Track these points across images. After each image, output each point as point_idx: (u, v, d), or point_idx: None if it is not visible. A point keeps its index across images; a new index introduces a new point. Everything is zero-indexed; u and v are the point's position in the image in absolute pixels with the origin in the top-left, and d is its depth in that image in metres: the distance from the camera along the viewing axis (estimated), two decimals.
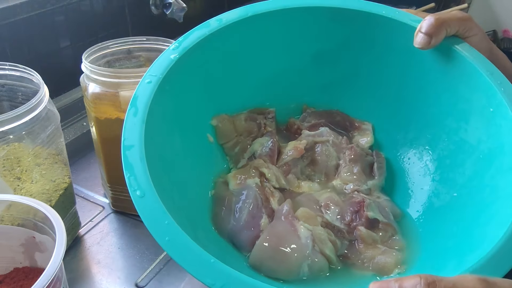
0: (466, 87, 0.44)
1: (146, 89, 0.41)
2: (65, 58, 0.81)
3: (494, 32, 2.02)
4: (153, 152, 0.38)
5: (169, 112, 0.44)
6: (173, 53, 0.44)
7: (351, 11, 0.49)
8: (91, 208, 0.64)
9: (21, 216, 0.43)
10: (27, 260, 0.45)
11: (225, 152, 0.51)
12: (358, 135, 0.53)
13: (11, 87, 0.52)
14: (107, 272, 0.54)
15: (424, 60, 0.47)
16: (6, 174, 0.47)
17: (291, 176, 0.49)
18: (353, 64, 0.52)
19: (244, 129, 0.51)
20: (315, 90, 0.54)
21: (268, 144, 0.50)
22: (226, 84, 0.50)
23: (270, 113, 0.53)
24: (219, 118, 0.50)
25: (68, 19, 0.79)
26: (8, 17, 0.69)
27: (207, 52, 0.47)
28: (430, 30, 0.44)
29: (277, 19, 0.49)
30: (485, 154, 0.42)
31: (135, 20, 0.93)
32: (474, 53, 0.45)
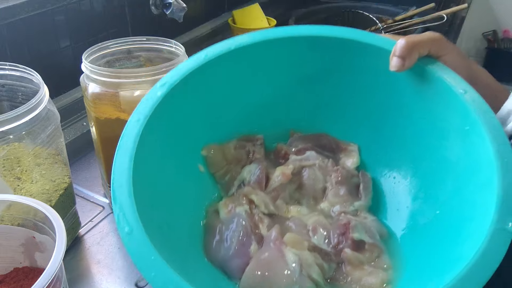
0: (443, 106, 0.46)
1: (134, 127, 0.43)
2: (65, 58, 0.81)
3: (494, 32, 2.02)
4: (142, 188, 0.40)
5: (159, 147, 0.45)
6: (160, 90, 0.46)
7: (327, 38, 0.50)
8: (91, 208, 0.64)
9: (21, 216, 0.43)
10: (27, 260, 0.45)
11: (216, 181, 0.52)
12: (344, 157, 0.54)
13: (11, 87, 0.52)
14: (107, 272, 0.54)
15: (401, 81, 0.48)
16: (6, 174, 0.47)
17: (280, 202, 0.50)
18: (335, 88, 0.53)
19: (233, 158, 0.52)
20: (301, 115, 0.55)
21: (256, 172, 0.51)
22: (214, 114, 0.51)
23: (259, 140, 0.54)
24: (209, 148, 0.51)
25: (68, 19, 0.79)
26: (8, 17, 0.69)
27: (193, 86, 0.48)
28: (402, 52, 0.45)
29: (259, 50, 0.50)
30: (463, 171, 0.43)
31: (135, 20, 0.93)
32: (447, 72, 0.46)
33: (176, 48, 0.61)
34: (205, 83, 0.49)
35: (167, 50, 0.62)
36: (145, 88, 0.55)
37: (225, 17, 1.21)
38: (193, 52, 0.50)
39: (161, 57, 0.62)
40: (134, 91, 0.55)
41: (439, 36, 0.47)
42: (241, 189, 0.50)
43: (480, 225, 0.36)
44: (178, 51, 0.60)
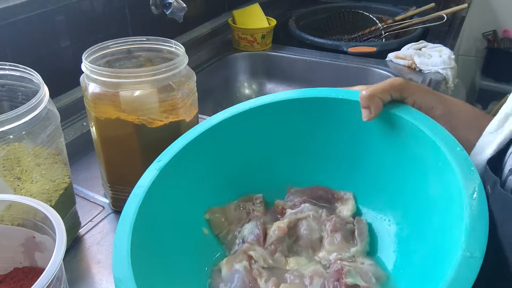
0: (417, 146, 0.48)
1: (134, 200, 0.46)
2: (65, 58, 0.81)
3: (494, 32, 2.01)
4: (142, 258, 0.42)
5: (159, 218, 0.48)
6: (157, 165, 0.49)
7: (309, 99, 0.55)
8: (91, 208, 0.64)
9: (21, 216, 0.43)
10: (27, 260, 0.45)
11: (220, 241, 0.54)
12: (341, 206, 0.57)
13: (11, 87, 0.52)
14: (107, 272, 0.54)
15: (378, 129, 0.52)
16: (6, 174, 0.47)
17: (278, 255, 0.52)
18: (325, 141, 0.57)
19: (234, 218, 0.56)
20: (297, 170, 0.58)
21: (254, 230, 0.54)
22: (215, 179, 0.55)
23: (258, 199, 0.57)
24: (211, 212, 0.55)
25: (68, 19, 0.79)
26: (8, 17, 0.69)
27: (191, 157, 0.52)
28: (365, 103, 0.49)
29: (249, 118, 0.55)
30: (444, 206, 0.44)
31: (135, 20, 0.93)
32: (414, 113, 0.49)
33: (176, 48, 0.61)
34: (200, 154, 0.53)
35: (167, 50, 0.62)
36: (145, 88, 0.55)
37: (225, 17, 1.21)
38: (193, 52, 0.50)
39: (161, 57, 0.62)
40: (134, 91, 0.55)
41: (399, 80, 0.50)
42: (241, 247, 0.53)
43: (455, 254, 0.38)
44: (178, 51, 0.60)
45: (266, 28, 1.12)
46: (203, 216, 0.54)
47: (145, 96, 0.55)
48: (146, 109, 0.56)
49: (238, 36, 1.13)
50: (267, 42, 1.14)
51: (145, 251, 0.44)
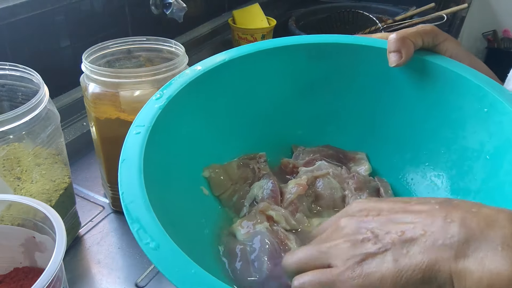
0: (454, 95, 0.45)
1: (136, 140, 0.40)
2: (65, 58, 0.81)
3: (494, 32, 2.02)
4: (156, 204, 0.36)
5: (162, 164, 0.42)
6: (157, 103, 0.44)
7: (323, 45, 0.50)
8: (91, 208, 0.64)
9: (21, 216, 0.43)
10: (27, 260, 0.45)
11: (222, 204, 0.48)
12: (354, 166, 0.52)
13: (11, 87, 0.52)
14: (107, 272, 0.54)
15: (404, 79, 0.47)
16: (6, 174, 0.47)
17: (299, 215, 0.46)
18: (336, 96, 0.52)
19: (238, 177, 0.49)
20: (302, 128, 0.54)
21: (268, 186, 0.48)
22: (213, 130, 0.49)
23: (262, 157, 0.51)
24: (210, 169, 0.48)
25: (68, 19, 0.79)
26: (8, 17, 0.69)
27: (190, 99, 0.46)
28: (396, 45, 0.45)
29: (255, 61, 0.49)
30: (492, 154, 0.41)
31: (135, 20, 0.93)
32: (451, 62, 0.46)
33: (176, 48, 0.61)
34: (201, 96, 0.47)
35: (167, 50, 0.62)
36: (145, 88, 0.55)
37: (225, 17, 1.21)
38: (193, 52, 0.50)
39: (161, 57, 0.62)
40: (134, 91, 0.55)
41: (430, 26, 0.47)
42: (255, 207, 0.47)
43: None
44: (178, 51, 0.60)
45: (266, 28, 1.12)
46: (201, 173, 0.48)
47: (145, 96, 0.55)
48: None
49: (238, 36, 1.13)
50: None
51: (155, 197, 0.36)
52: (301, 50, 0.50)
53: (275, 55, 0.50)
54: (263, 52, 0.49)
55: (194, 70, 0.47)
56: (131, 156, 0.38)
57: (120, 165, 0.38)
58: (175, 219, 0.39)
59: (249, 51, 0.49)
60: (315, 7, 1.37)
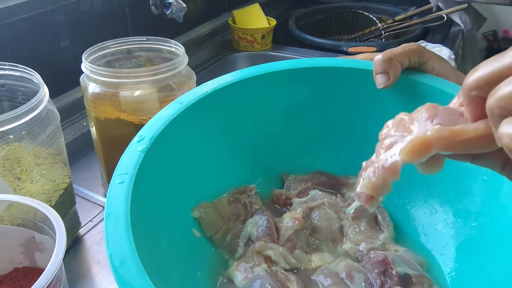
0: None
1: (120, 191, 0.37)
2: (65, 58, 0.81)
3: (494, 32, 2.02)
4: (148, 261, 0.33)
5: (150, 213, 0.39)
6: (139, 146, 0.40)
7: (307, 69, 0.48)
8: (91, 208, 0.64)
9: (21, 216, 0.43)
10: (27, 260, 0.45)
11: (216, 246, 0.46)
12: (348, 191, 0.50)
13: (11, 87, 0.52)
14: (107, 272, 0.54)
15: (393, 100, 0.46)
16: (6, 174, 0.46)
17: (298, 252, 0.44)
18: (323, 120, 0.50)
19: (230, 214, 0.47)
20: (291, 155, 0.52)
21: (262, 223, 0.45)
22: (199, 167, 0.47)
23: (252, 190, 0.49)
24: (200, 208, 0.46)
25: (68, 19, 0.79)
26: (8, 17, 0.69)
27: (173, 138, 0.44)
28: (383, 67, 0.44)
29: (239, 90, 0.48)
30: (489, 175, 0.40)
31: (135, 20, 0.93)
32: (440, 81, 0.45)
33: (176, 48, 0.61)
34: (184, 133, 0.45)
35: (167, 50, 0.62)
36: (145, 88, 0.55)
37: (225, 17, 1.21)
38: (193, 52, 0.50)
39: (161, 57, 0.62)
40: (134, 91, 0.55)
41: (416, 44, 0.46)
42: (251, 247, 0.44)
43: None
44: (178, 51, 0.60)
45: (266, 28, 1.12)
46: (191, 214, 0.45)
47: (145, 96, 0.55)
48: (146, 109, 0.56)
49: (238, 36, 1.13)
50: (267, 42, 1.14)
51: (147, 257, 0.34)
52: (282, 75, 0.48)
53: (257, 83, 0.48)
54: (245, 81, 0.48)
55: (175, 106, 0.45)
56: (116, 211, 0.35)
57: (105, 221, 0.35)
58: (169, 273, 0.38)
59: (232, 81, 0.47)
60: (315, 7, 1.37)
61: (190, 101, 0.45)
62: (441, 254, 0.44)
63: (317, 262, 0.44)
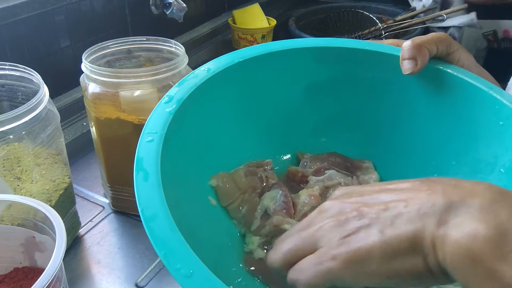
0: (467, 106, 0.44)
1: (150, 148, 0.37)
2: (65, 58, 0.81)
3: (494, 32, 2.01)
4: (178, 221, 0.32)
5: (175, 174, 0.39)
6: (167, 107, 0.41)
7: (332, 48, 0.48)
8: (91, 208, 0.64)
9: (21, 216, 0.43)
10: (27, 260, 0.45)
11: (230, 216, 0.46)
12: (362, 175, 0.50)
13: (11, 87, 0.52)
14: (107, 272, 0.54)
15: (415, 88, 0.46)
16: (6, 174, 0.47)
17: None
18: (343, 102, 0.50)
19: (247, 185, 0.47)
20: (307, 134, 0.52)
21: (280, 197, 0.46)
22: (220, 137, 0.47)
23: (268, 165, 0.49)
24: (217, 177, 0.46)
25: (68, 19, 0.79)
26: (8, 17, 0.69)
27: (199, 103, 0.44)
28: (412, 53, 0.44)
29: (264, 63, 0.48)
30: (507, 168, 0.40)
31: (135, 20, 0.93)
32: (464, 72, 0.45)
33: (176, 48, 0.61)
34: (209, 100, 0.45)
35: (167, 50, 0.62)
36: (145, 88, 0.55)
37: (225, 17, 1.21)
38: (193, 52, 0.49)
39: (161, 57, 0.62)
40: (134, 91, 0.55)
41: (444, 34, 0.47)
42: (268, 221, 0.44)
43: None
44: (178, 51, 0.60)
45: (266, 28, 1.12)
46: (208, 182, 0.45)
47: (145, 96, 0.55)
48: (146, 109, 0.56)
49: (238, 36, 1.13)
50: (267, 42, 1.14)
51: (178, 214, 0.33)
52: (309, 53, 0.48)
53: (283, 58, 0.48)
54: (271, 54, 0.48)
55: (202, 72, 0.45)
56: (147, 167, 0.35)
57: (135, 177, 0.35)
58: (195, 236, 0.37)
59: (257, 53, 0.47)
60: (315, 7, 1.37)
61: (217, 69, 0.45)
62: None
63: None
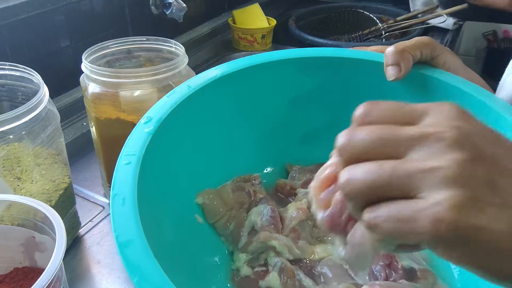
0: None
1: (127, 171, 0.36)
2: (65, 58, 0.81)
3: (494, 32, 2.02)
4: (154, 245, 0.32)
5: (155, 195, 0.38)
6: (146, 127, 0.40)
7: (315, 58, 0.48)
8: (91, 208, 0.64)
9: (21, 216, 0.43)
10: (27, 260, 0.45)
11: (218, 233, 0.46)
12: None
13: (11, 87, 0.52)
14: (107, 272, 0.54)
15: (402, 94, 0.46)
16: (6, 174, 0.47)
17: (302, 243, 0.44)
18: (330, 111, 0.50)
19: (234, 201, 0.46)
20: (296, 146, 0.51)
21: (267, 212, 0.45)
22: (205, 154, 0.46)
23: (256, 179, 0.49)
24: (203, 194, 0.46)
25: (68, 19, 0.79)
26: (8, 17, 0.69)
27: (180, 121, 0.43)
28: (395, 59, 0.44)
29: (247, 77, 0.47)
30: None
31: (135, 20, 0.93)
32: (451, 77, 0.44)
33: (176, 48, 0.61)
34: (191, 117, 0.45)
35: (167, 50, 0.62)
36: (145, 88, 0.55)
37: (225, 17, 1.21)
38: (193, 52, 0.49)
39: (161, 57, 0.62)
40: (134, 91, 0.55)
41: (427, 38, 0.46)
42: (255, 237, 0.43)
43: None
44: (178, 51, 0.60)
45: (266, 28, 1.12)
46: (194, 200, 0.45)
47: (145, 96, 0.55)
48: (146, 109, 0.55)
49: (238, 36, 1.13)
50: (267, 42, 1.14)
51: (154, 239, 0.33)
52: (291, 64, 0.48)
53: (265, 70, 0.48)
54: (253, 68, 0.47)
55: (183, 89, 0.44)
56: (123, 190, 0.35)
57: (111, 201, 0.34)
58: (174, 259, 0.37)
59: (239, 67, 0.47)
60: (315, 7, 1.37)
61: (198, 85, 0.45)
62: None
63: (321, 254, 0.44)
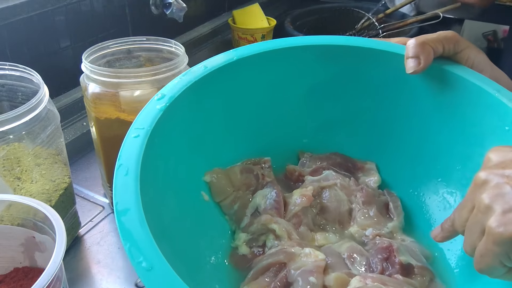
0: (473, 109, 0.42)
1: (134, 144, 0.37)
2: (65, 58, 0.81)
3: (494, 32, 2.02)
4: (151, 216, 0.33)
5: (161, 169, 0.39)
6: (159, 104, 0.41)
7: (335, 47, 0.47)
8: (91, 208, 0.64)
9: (21, 216, 0.43)
10: (27, 260, 0.45)
11: (223, 212, 0.46)
12: (363, 176, 0.49)
13: (11, 87, 0.52)
14: (107, 272, 0.54)
15: (421, 88, 0.45)
16: (6, 174, 0.47)
17: (303, 229, 0.44)
18: (346, 101, 0.49)
19: (241, 183, 0.46)
20: (309, 133, 0.51)
21: (271, 196, 0.45)
22: (217, 134, 0.47)
23: (266, 163, 0.49)
24: (212, 173, 0.46)
25: (68, 19, 0.79)
26: (8, 17, 0.69)
27: (194, 100, 0.44)
28: (415, 51, 0.43)
29: (263, 61, 0.47)
30: None
31: (135, 20, 0.93)
32: (472, 73, 0.43)
33: (176, 48, 0.61)
34: (205, 98, 0.45)
35: (167, 50, 0.62)
36: (145, 88, 0.55)
37: (225, 17, 1.21)
38: (193, 52, 0.49)
39: (161, 57, 0.62)
40: (134, 91, 0.55)
41: (452, 32, 0.44)
42: (257, 219, 0.44)
43: None
44: (178, 51, 0.60)
45: (266, 28, 1.12)
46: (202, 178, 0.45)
47: (145, 96, 0.55)
48: None
49: (238, 36, 1.13)
50: None
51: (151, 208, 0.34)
52: (310, 51, 0.47)
53: (283, 56, 0.47)
54: (271, 52, 0.47)
55: (199, 69, 0.45)
56: (128, 162, 0.36)
57: (116, 171, 0.35)
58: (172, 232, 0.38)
59: (257, 51, 0.46)
60: (310, 8, 1.37)
61: (214, 66, 0.45)
62: (449, 249, 0.43)
63: (321, 241, 0.44)
